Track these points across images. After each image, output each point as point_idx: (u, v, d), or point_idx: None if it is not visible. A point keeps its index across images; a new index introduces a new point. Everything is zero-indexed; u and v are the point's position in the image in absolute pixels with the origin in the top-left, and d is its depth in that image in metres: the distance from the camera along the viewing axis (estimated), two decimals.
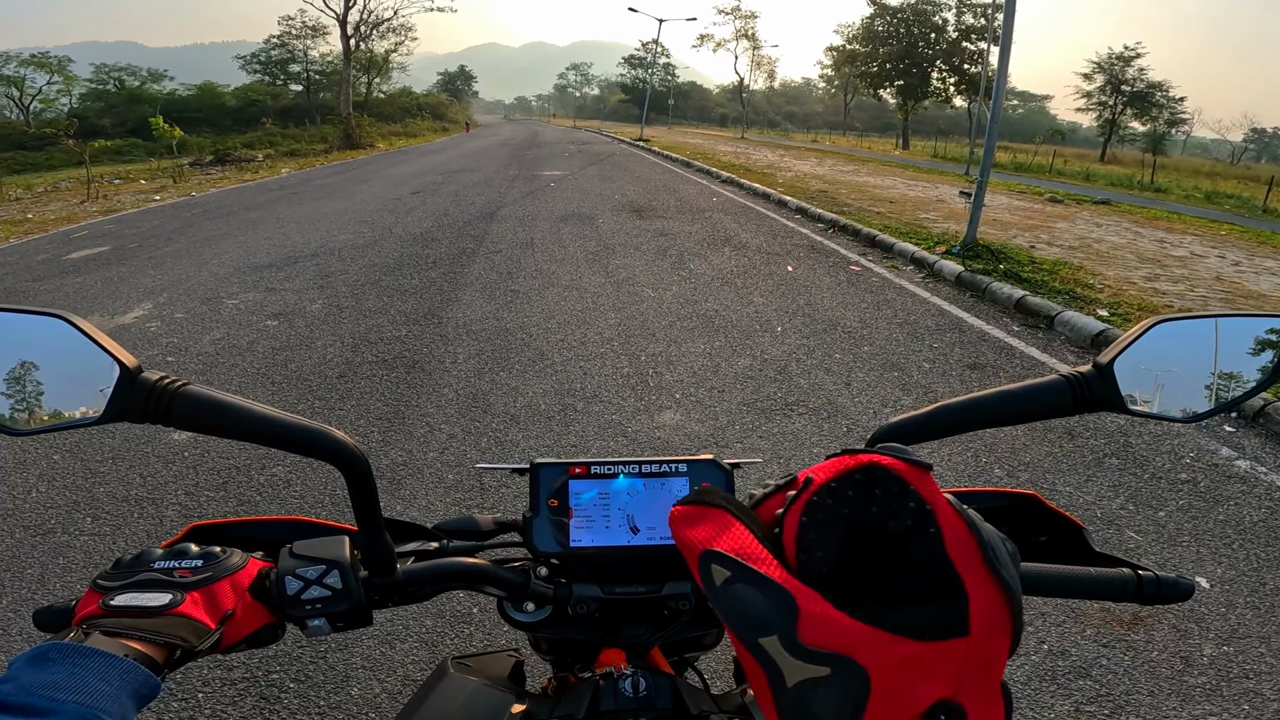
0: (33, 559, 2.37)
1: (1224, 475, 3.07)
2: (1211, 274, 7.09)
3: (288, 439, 0.56)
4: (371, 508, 0.59)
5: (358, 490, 0.58)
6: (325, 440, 0.56)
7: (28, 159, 26.27)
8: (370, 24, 35.12)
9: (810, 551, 0.38)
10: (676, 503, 0.44)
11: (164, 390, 0.53)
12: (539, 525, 0.65)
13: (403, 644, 2.01)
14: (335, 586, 0.54)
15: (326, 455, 0.56)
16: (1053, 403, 0.59)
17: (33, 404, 0.53)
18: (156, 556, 0.52)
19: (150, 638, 0.45)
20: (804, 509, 0.38)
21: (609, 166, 17.82)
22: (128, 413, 0.52)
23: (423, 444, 3.14)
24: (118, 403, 0.52)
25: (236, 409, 0.54)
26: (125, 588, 0.49)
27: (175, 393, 0.53)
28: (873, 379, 3.99)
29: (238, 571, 0.53)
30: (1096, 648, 2.05)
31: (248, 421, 0.55)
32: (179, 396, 0.53)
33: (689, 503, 0.43)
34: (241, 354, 4.24)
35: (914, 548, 0.37)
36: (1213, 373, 0.60)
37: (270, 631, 0.55)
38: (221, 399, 0.54)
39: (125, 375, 0.52)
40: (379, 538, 0.59)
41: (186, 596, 0.49)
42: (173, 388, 0.53)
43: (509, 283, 5.91)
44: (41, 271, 6.48)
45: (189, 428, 0.54)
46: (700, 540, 0.38)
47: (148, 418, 0.53)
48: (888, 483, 0.37)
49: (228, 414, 0.54)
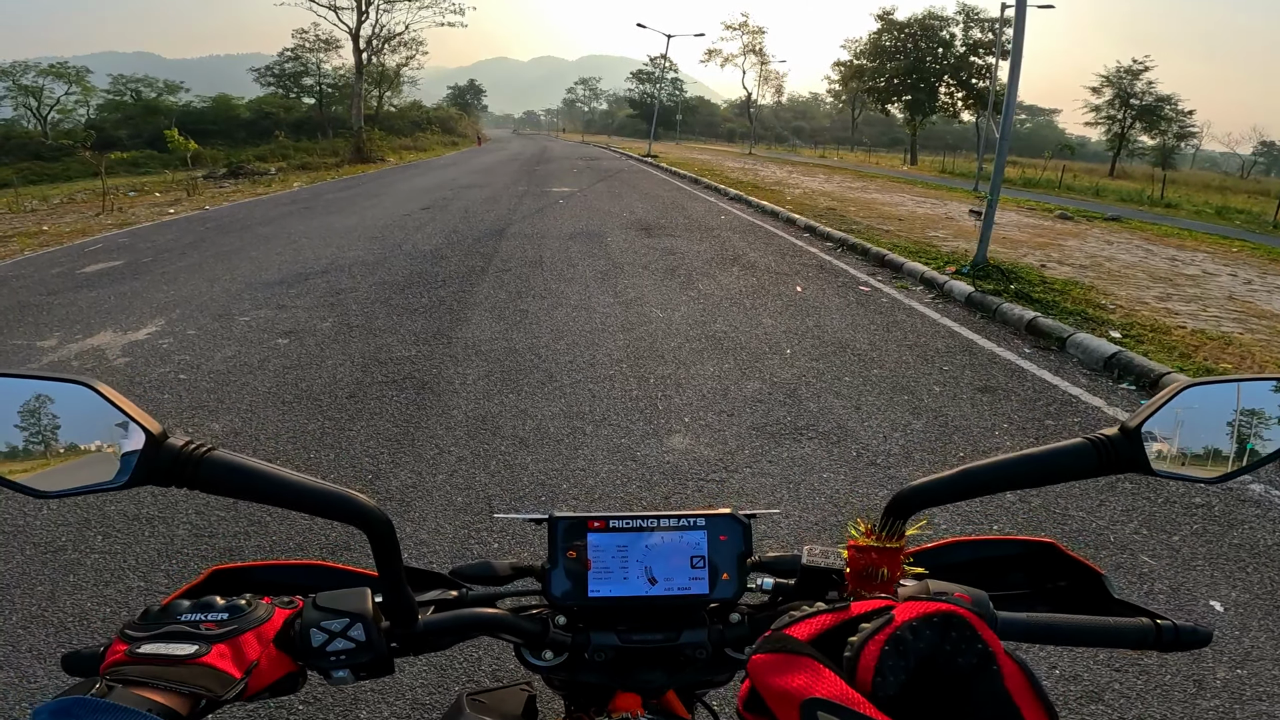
0: (43, 576, 2.38)
1: (1238, 499, 3.05)
2: (1224, 293, 7.06)
3: (312, 503, 0.57)
4: (394, 565, 0.60)
5: (381, 549, 0.59)
6: (348, 504, 0.57)
7: (45, 169, 26.58)
8: (382, 38, 35.54)
9: (886, 678, 0.42)
10: (755, 652, 0.47)
11: (189, 456, 0.54)
12: (557, 576, 0.66)
13: (411, 667, 2.01)
14: (359, 639, 0.55)
15: (350, 518, 0.57)
16: (1078, 465, 0.59)
17: (59, 468, 0.54)
18: (184, 609, 0.52)
19: (174, 688, 0.46)
20: (887, 640, 0.43)
21: (617, 183, 17.92)
22: (154, 477, 0.54)
23: (432, 466, 3.15)
24: (144, 468, 0.53)
25: (261, 474, 0.56)
26: (152, 638, 0.49)
27: (201, 459, 0.54)
28: (883, 402, 3.97)
29: (264, 624, 0.53)
30: (1109, 672, 2.03)
31: (272, 486, 0.56)
32: (205, 462, 0.54)
33: (770, 650, 0.46)
34: (253, 372, 4.27)
35: (981, 684, 0.42)
36: (1236, 434, 0.60)
37: (291, 680, 0.56)
38: (246, 464, 0.55)
39: (151, 441, 0.53)
40: (401, 592, 0.61)
41: (213, 648, 0.49)
42: (198, 454, 0.54)
43: (518, 302, 5.94)
44: (56, 285, 6.55)
45: (214, 492, 0.55)
46: (798, 689, 0.42)
47: (173, 481, 0.54)
48: (961, 627, 0.43)
49: (253, 479, 0.56)
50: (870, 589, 0.62)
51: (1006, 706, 0.42)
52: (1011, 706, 0.42)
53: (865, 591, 0.62)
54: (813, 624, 0.47)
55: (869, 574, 0.61)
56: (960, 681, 0.43)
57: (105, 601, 2.27)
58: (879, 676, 0.42)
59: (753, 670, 0.46)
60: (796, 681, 0.42)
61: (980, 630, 0.44)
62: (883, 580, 0.61)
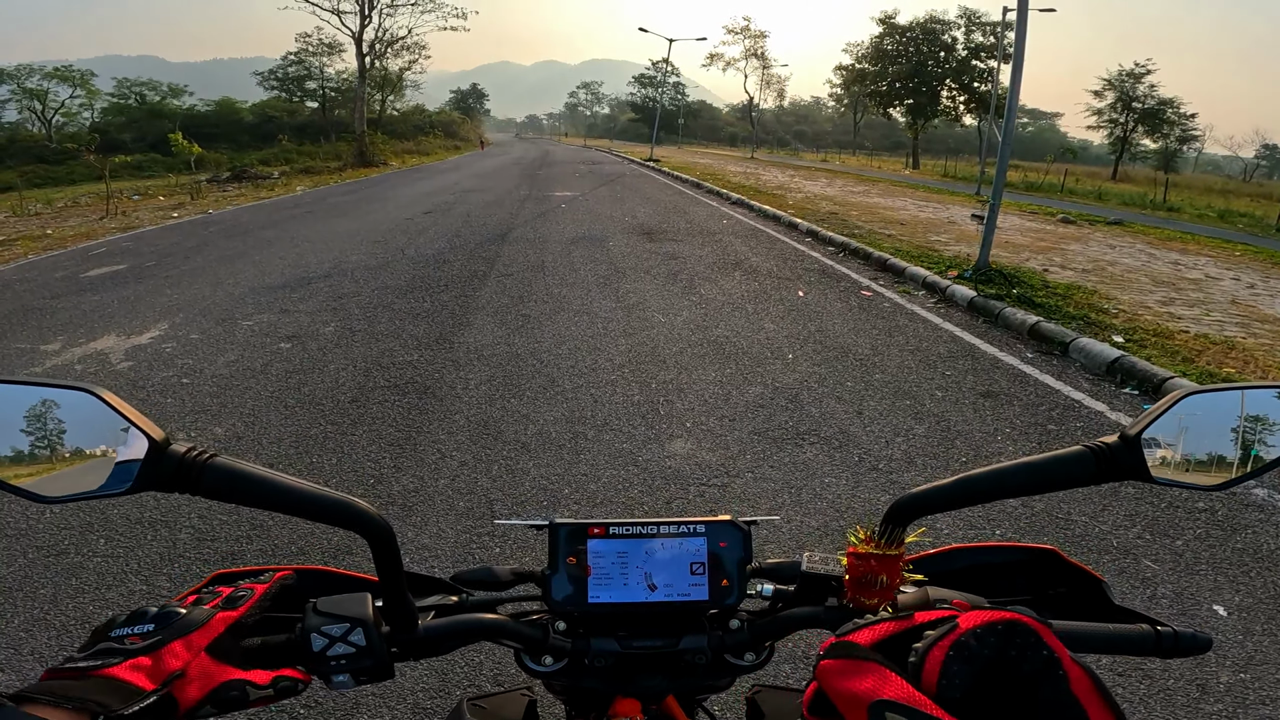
0: (46, 579, 2.39)
1: (1241, 503, 3.04)
2: (1227, 297, 7.05)
3: (313, 510, 0.57)
4: (395, 571, 0.60)
5: (382, 556, 0.59)
6: (349, 511, 0.58)
7: (49, 172, 26.67)
8: (385, 42, 35.61)
9: (951, 681, 0.44)
10: (823, 657, 0.48)
11: (192, 462, 0.54)
12: (558, 581, 0.66)
13: (412, 671, 2.01)
14: (359, 644, 0.56)
15: (351, 525, 0.58)
16: (1076, 473, 0.59)
17: (63, 474, 0.54)
18: (119, 623, 0.51)
19: (65, 703, 0.43)
20: (952, 645, 0.45)
21: (619, 187, 17.94)
22: (157, 483, 0.54)
23: (434, 471, 3.15)
24: (147, 474, 0.53)
25: (263, 481, 0.56)
26: (84, 657, 0.48)
27: (204, 465, 0.54)
28: (885, 407, 3.97)
29: (194, 630, 0.51)
30: (1112, 676, 2.03)
31: (274, 493, 0.56)
32: (208, 469, 0.54)
33: (837, 656, 0.47)
34: (255, 377, 4.28)
35: (1047, 689, 0.44)
36: (1239, 442, 0.60)
37: (230, 693, 0.52)
38: (248, 471, 0.56)
39: (154, 447, 0.53)
40: (402, 598, 0.61)
41: (125, 661, 0.47)
42: (201, 460, 0.54)
43: (520, 307, 5.95)
44: (60, 289, 6.57)
45: (217, 498, 0.55)
46: (867, 691, 0.43)
47: (176, 487, 0.54)
48: (1025, 634, 0.45)
49: (255, 486, 0.56)
50: (869, 596, 0.62)
51: (1074, 710, 0.43)
52: (1079, 709, 0.43)
53: (864, 598, 0.62)
54: (877, 630, 0.49)
55: (868, 581, 0.62)
56: (1026, 686, 0.44)
57: (108, 605, 2.27)
58: (944, 680, 0.44)
59: (821, 675, 0.47)
60: (864, 685, 0.44)
61: (1045, 637, 0.45)
62: (881, 587, 0.61)
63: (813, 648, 2.13)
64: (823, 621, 0.65)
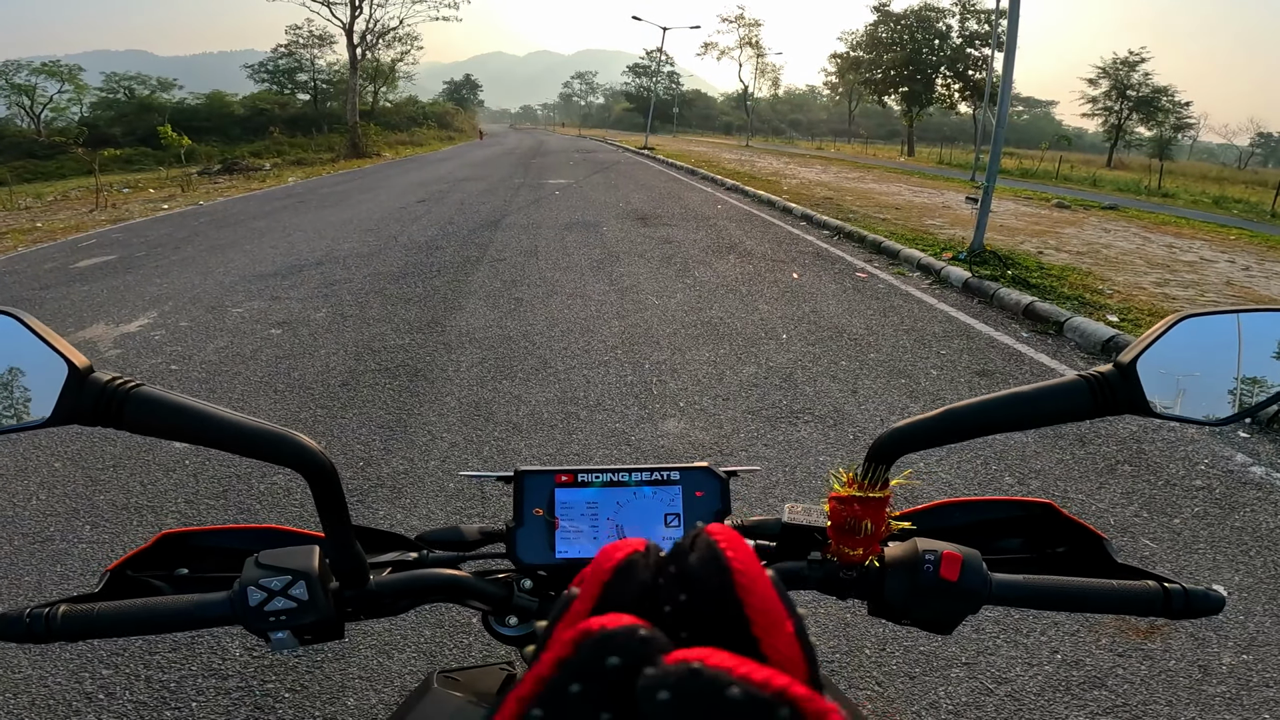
0: (30, 566, 2.35)
1: (1239, 481, 3.02)
2: (1222, 279, 7.03)
3: (248, 443, 0.53)
4: (340, 515, 0.56)
5: (324, 498, 0.55)
6: (288, 445, 0.53)
7: (39, 167, 26.42)
8: (376, 33, 35.38)
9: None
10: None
11: (114, 391, 0.50)
12: (523, 535, 0.63)
13: (400, 654, 1.98)
14: (301, 598, 0.52)
15: (289, 461, 0.54)
16: (1071, 405, 0.55)
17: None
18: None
19: None
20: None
21: (614, 175, 17.85)
22: (78, 414, 0.50)
23: (424, 453, 3.12)
24: (66, 404, 0.49)
25: (193, 411, 0.52)
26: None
27: (127, 394, 0.50)
28: (880, 386, 3.94)
29: None
30: (1112, 657, 2.00)
31: (205, 424, 0.52)
32: (130, 398, 0.50)
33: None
34: (245, 362, 4.23)
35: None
36: (1238, 373, 0.56)
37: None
38: (177, 401, 0.51)
39: (75, 375, 0.49)
40: (349, 547, 0.57)
41: None
42: (124, 389, 0.50)
43: (513, 290, 5.90)
44: (49, 280, 6.50)
45: (142, 431, 0.51)
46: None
47: (99, 420, 0.50)
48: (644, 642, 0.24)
49: (183, 416, 0.51)
50: (854, 545, 0.58)
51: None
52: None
53: (848, 549, 0.58)
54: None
55: (851, 527, 0.58)
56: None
57: None
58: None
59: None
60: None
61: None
62: (866, 534, 0.57)
63: (818, 626, 2.11)
64: (805, 578, 0.61)
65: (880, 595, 0.58)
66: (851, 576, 0.59)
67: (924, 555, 0.55)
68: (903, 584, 0.56)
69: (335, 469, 0.56)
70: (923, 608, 0.56)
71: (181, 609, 0.53)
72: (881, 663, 1.98)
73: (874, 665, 1.97)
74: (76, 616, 0.51)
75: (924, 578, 0.55)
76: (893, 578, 0.57)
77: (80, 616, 0.51)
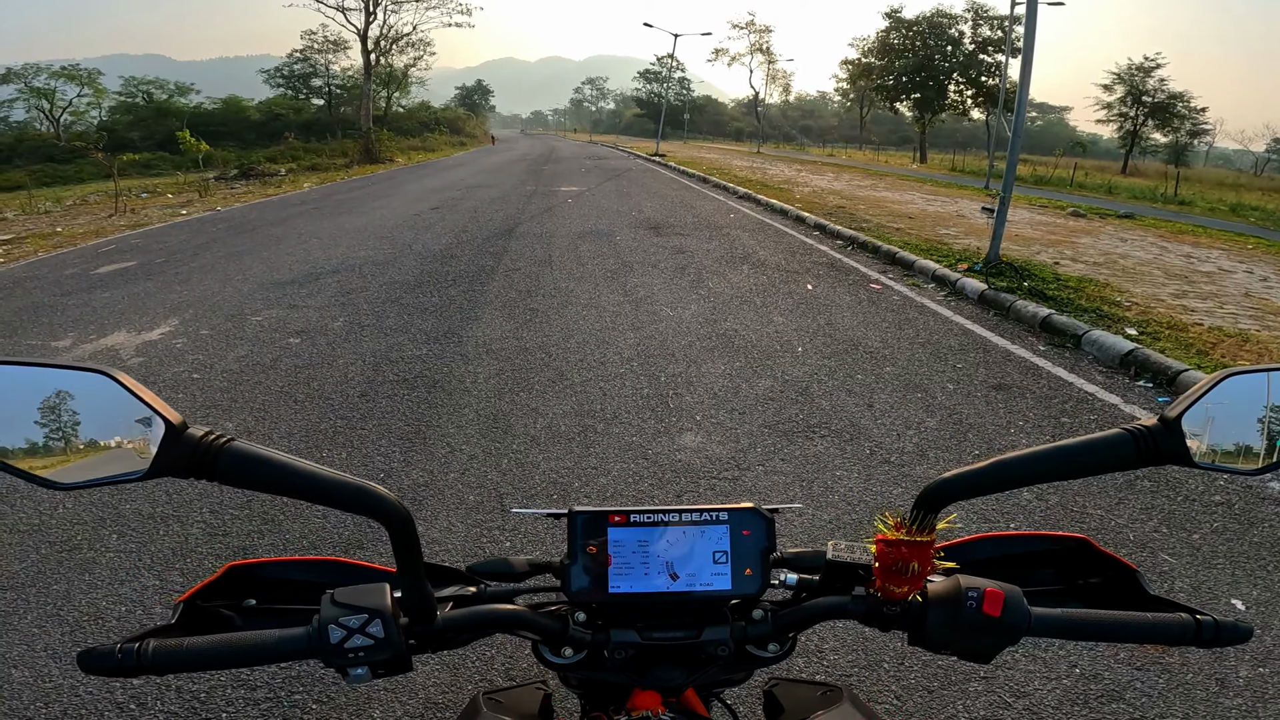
0: (59, 575, 2.39)
1: (1258, 497, 3.00)
2: (1240, 290, 6.98)
3: (331, 495, 0.56)
4: (414, 560, 0.59)
5: (400, 544, 0.58)
6: (369, 497, 0.57)
7: (58, 171, 26.76)
8: (390, 39, 35.63)
9: None
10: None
11: (209, 446, 0.53)
12: (576, 572, 0.65)
13: (425, 665, 2.00)
14: (377, 635, 0.54)
15: (370, 511, 0.57)
16: (1115, 457, 0.58)
17: (77, 460, 0.53)
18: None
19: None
20: None
21: (625, 182, 17.90)
22: (174, 468, 0.53)
23: (444, 465, 3.15)
24: (163, 458, 0.52)
25: (280, 466, 0.55)
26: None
27: (221, 449, 0.53)
28: (896, 400, 3.94)
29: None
30: (1130, 671, 2.01)
31: (291, 479, 0.55)
32: (224, 453, 0.53)
33: None
34: (265, 371, 4.28)
35: None
36: (1277, 426, 0.59)
37: None
38: (266, 455, 0.55)
39: (171, 432, 0.52)
40: (420, 588, 0.60)
41: None
42: (218, 444, 0.53)
43: (528, 301, 5.94)
44: (70, 286, 6.60)
45: (234, 484, 0.54)
46: None
47: (193, 473, 0.53)
48: None
49: (272, 471, 0.55)
50: (899, 584, 0.61)
51: None
52: None
53: (894, 586, 0.61)
54: None
55: (898, 569, 0.60)
56: None
57: (120, 600, 2.27)
58: None
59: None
60: None
61: None
62: (913, 575, 0.60)
63: (837, 640, 2.12)
64: (850, 611, 0.63)
65: (922, 628, 0.61)
66: (895, 611, 0.62)
67: (967, 592, 0.57)
68: (945, 619, 0.59)
69: (411, 517, 0.58)
70: (965, 641, 0.59)
71: (265, 644, 0.55)
72: (900, 676, 1.98)
73: (892, 679, 1.98)
74: (166, 651, 0.54)
75: (966, 613, 0.57)
76: (935, 612, 0.59)
77: (169, 651, 0.54)
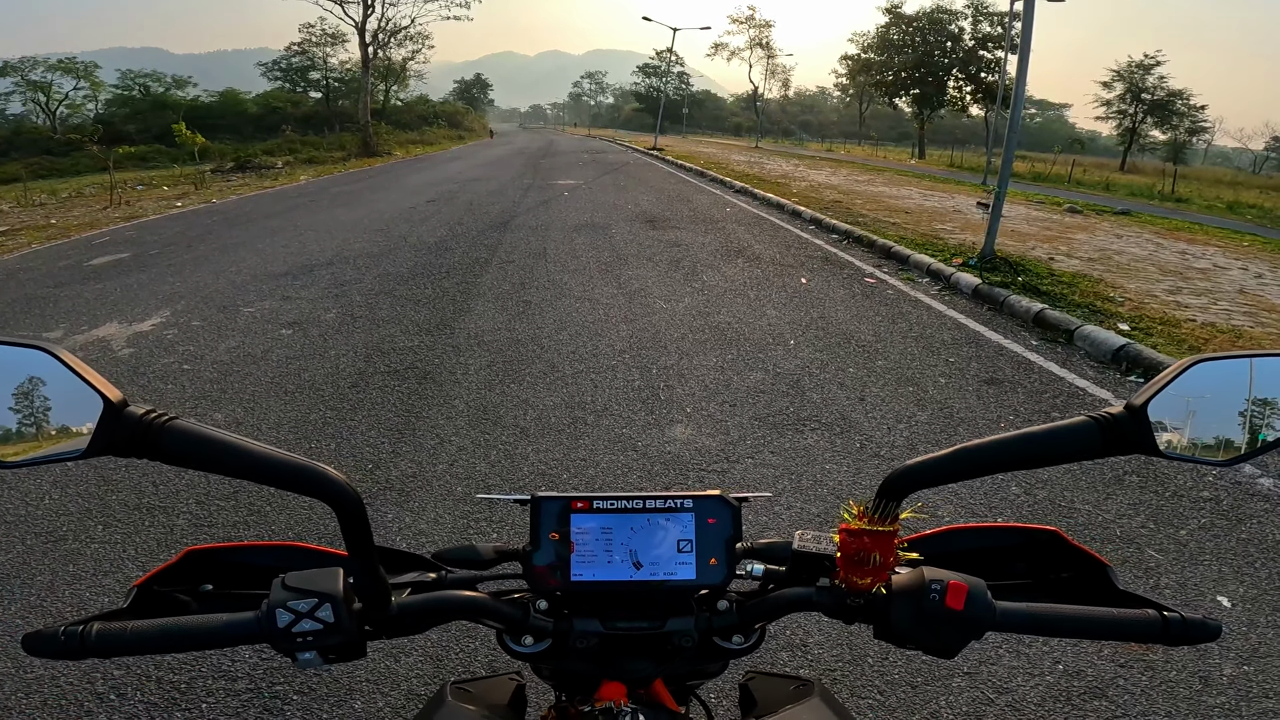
0: (43, 566, 2.38)
1: (1246, 493, 3.00)
2: (1235, 287, 6.98)
3: (279, 476, 0.55)
4: (365, 544, 0.58)
5: (350, 527, 0.57)
6: (317, 478, 0.55)
7: (54, 164, 26.62)
8: (388, 32, 35.43)
9: None
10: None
11: (149, 425, 0.52)
12: (540, 559, 0.64)
13: (407, 658, 2.00)
14: (327, 620, 0.53)
15: (318, 493, 0.56)
16: (1080, 445, 0.57)
17: (14, 437, 0.52)
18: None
19: None
20: None
21: (623, 176, 17.87)
22: (113, 446, 0.52)
23: (432, 456, 3.14)
24: (102, 437, 0.51)
25: (225, 444, 0.54)
26: None
27: (162, 427, 0.52)
28: (888, 394, 3.94)
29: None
30: (1113, 668, 2.01)
31: (237, 457, 0.54)
32: (166, 431, 0.52)
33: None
34: (256, 363, 4.27)
35: None
36: (1248, 414, 0.57)
37: None
38: (210, 434, 0.54)
39: (110, 409, 0.51)
40: (373, 572, 0.59)
41: None
42: (159, 422, 0.52)
43: (521, 293, 5.92)
44: (63, 277, 6.57)
45: (177, 463, 0.53)
46: None
47: (134, 452, 0.52)
48: None
49: (216, 449, 0.54)
50: (862, 575, 0.60)
51: None
52: None
53: (856, 578, 0.60)
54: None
55: (860, 559, 0.59)
56: None
57: (104, 591, 2.27)
58: None
59: None
60: None
61: None
62: (875, 565, 0.59)
63: (822, 634, 2.12)
64: (814, 603, 0.62)
65: (886, 621, 0.59)
66: (859, 603, 0.61)
67: (930, 584, 0.56)
68: (908, 611, 0.57)
69: (360, 500, 0.57)
70: (928, 634, 0.57)
71: (211, 628, 0.54)
72: (884, 671, 1.98)
73: (876, 674, 1.97)
74: (109, 634, 0.53)
75: (929, 605, 0.56)
76: (899, 605, 0.58)
77: (113, 634, 0.53)
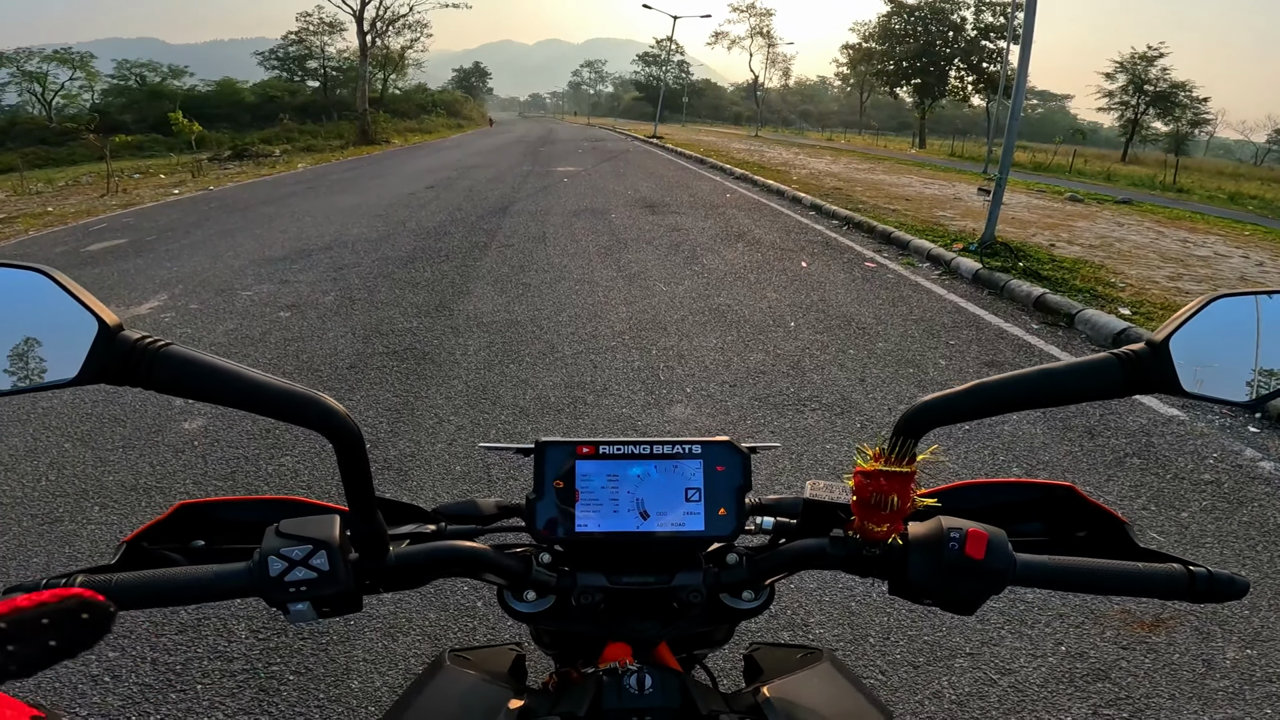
0: (39, 547, 2.36)
1: (1248, 476, 2.99)
2: (1236, 274, 6.96)
3: (274, 404, 0.52)
4: (363, 484, 0.55)
5: (348, 464, 0.54)
6: (314, 407, 0.52)
7: (50, 154, 26.51)
8: (386, 20, 35.19)
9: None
10: None
11: (144, 350, 0.49)
12: (543, 508, 0.61)
13: (405, 636, 1.99)
14: (322, 568, 0.51)
15: (315, 423, 0.53)
16: (1102, 383, 0.54)
17: (5, 364, 0.50)
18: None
19: None
20: None
21: (622, 163, 17.79)
22: (105, 373, 0.49)
23: (431, 435, 3.12)
24: (95, 362, 0.49)
25: (221, 371, 0.51)
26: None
27: (156, 353, 0.49)
28: (887, 375, 3.92)
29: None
30: (1116, 649, 1.99)
31: (232, 384, 0.51)
32: (160, 357, 0.50)
33: None
34: (254, 344, 4.25)
35: None
36: (1272, 355, 0.54)
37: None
38: (206, 360, 0.51)
39: (104, 333, 0.49)
40: (371, 517, 0.56)
41: None
42: (154, 347, 0.50)
43: (520, 276, 5.90)
44: (60, 263, 6.52)
45: (170, 391, 0.50)
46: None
47: (126, 379, 0.49)
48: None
49: (211, 376, 0.51)
50: (878, 521, 0.57)
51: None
52: None
53: (872, 525, 0.57)
54: None
55: (876, 502, 0.56)
56: None
57: None
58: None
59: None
60: None
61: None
62: (892, 510, 0.56)
63: (823, 614, 2.10)
64: (827, 555, 0.59)
65: (903, 573, 0.57)
66: (874, 554, 0.58)
67: (949, 533, 0.54)
68: (927, 562, 0.55)
69: (361, 435, 0.54)
70: (946, 586, 0.55)
71: (199, 579, 0.51)
72: (885, 651, 1.97)
73: (878, 654, 1.96)
74: (92, 587, 0.50)
75: (949, 555, 0.53)
76: (917, 555, 0.56)
77: (96, 587, 0.50)
